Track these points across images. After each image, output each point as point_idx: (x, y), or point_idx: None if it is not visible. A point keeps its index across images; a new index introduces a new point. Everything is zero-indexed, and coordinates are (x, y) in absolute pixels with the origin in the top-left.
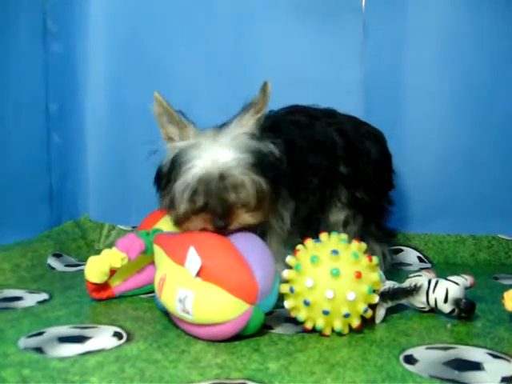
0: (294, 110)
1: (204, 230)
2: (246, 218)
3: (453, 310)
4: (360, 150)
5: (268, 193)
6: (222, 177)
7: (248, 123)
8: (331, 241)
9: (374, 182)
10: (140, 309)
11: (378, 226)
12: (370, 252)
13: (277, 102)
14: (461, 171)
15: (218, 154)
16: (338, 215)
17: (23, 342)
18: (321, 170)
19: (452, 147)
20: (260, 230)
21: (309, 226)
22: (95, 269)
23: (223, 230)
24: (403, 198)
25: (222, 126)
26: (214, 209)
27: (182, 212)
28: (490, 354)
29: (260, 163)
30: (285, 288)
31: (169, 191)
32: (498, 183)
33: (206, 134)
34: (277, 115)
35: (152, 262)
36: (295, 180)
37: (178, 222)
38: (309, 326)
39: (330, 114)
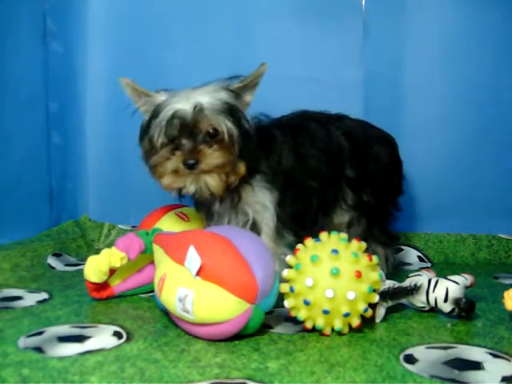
0: (302, 116)
1: (176, 172)
2: (215, 157)
3: (453, 310)
4: (368, 153)
5: (238, 141)
6: (196, 114)
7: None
8: (331, 240)
9: (381, 186)
10: (140, 308)
11: (381, 229)
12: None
13: (277, 101)
14: (461, 171)
15: (195, 97)
16: (342, 217)
17: (23, 341)
18: (322, 174)
19: (452, 147)
20: (249, 225)
21: (303, 226)
22: (95, 268)
23: (193, 169)
24: (403, 197)
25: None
26: (185, 144)
27: (160, 152)
28: (490, 354)
29: (234, 114)
30: (285, 287)
31: (148, 133)
32: (499, 183)
33: (184, 90)
34: (282, 120)
35: (152, 262)
36: (288, 180)
37: (155, 165)
38: (309, 325)
39: (339, 118)
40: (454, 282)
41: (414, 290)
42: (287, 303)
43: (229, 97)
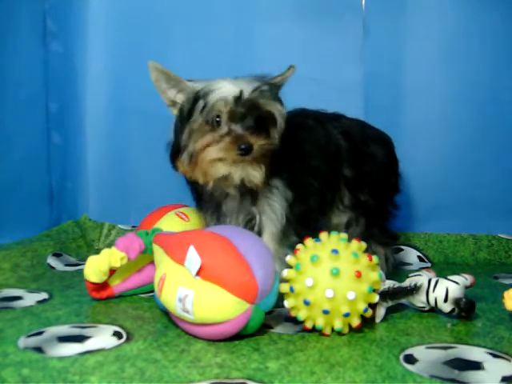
0: (301, 114)
1: (222, 159)
2: (265, 144)
3: (453, 310)
4: (365, 152)
5: (284, 126)
6: (257, 96)
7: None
8: (331, 240)
9: (378, 185)
10: (140, 308)
11: (381, 228)
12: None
13: None
14: (461, 171)
15: (242, 84)
16: (340, 217)
17: (23, 341)
18: (321, 173)
19: (452, 147)
20: (256, 230)
21: (306, 226)
22: (95, 268)
23: (246, 156)
24: (403, 197)
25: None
26: (235, 130)
27: (206, 139)
28: (490, 354)
29: (280, 100)
30: (285, 287)
31: (193, 120)
32: (499, 183)
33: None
34: None
35: (152, 262)
36: (293, 179)
37: (198, 152)
38: (309, 325)
39: (336, 117)
40: (454, 282)
41: (414, 289)
42: (287, 303)
43: (272, 86)
